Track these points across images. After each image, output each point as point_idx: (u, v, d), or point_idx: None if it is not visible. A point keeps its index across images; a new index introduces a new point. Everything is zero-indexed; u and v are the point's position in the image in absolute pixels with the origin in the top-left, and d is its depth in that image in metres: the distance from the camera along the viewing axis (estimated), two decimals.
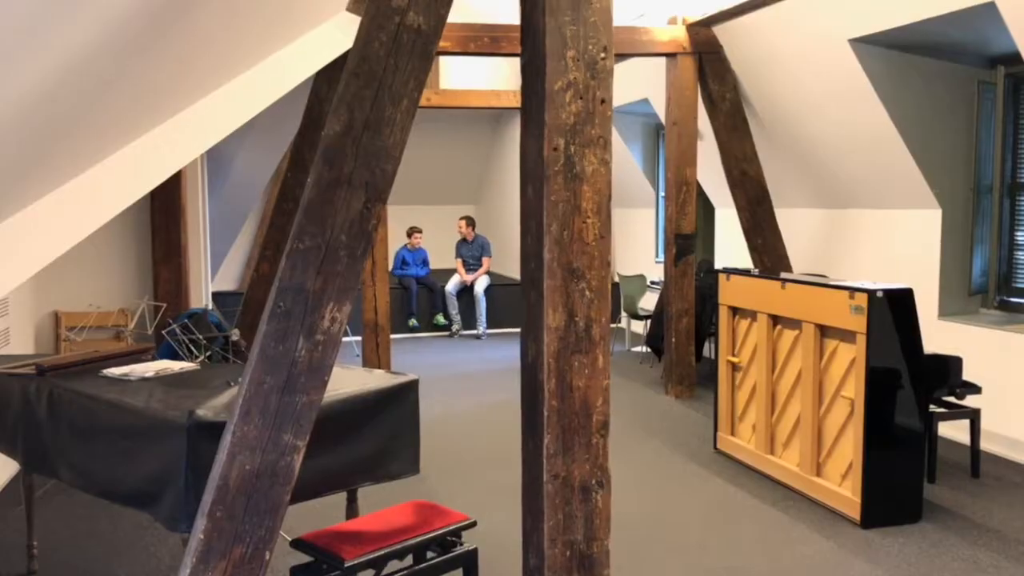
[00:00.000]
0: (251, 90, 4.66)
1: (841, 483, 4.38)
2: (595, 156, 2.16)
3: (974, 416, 4.83)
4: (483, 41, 6.17)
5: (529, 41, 2.21)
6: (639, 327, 9.23)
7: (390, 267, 10.48)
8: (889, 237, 6.15)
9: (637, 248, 10.06)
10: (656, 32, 6.60)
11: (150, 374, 3.31)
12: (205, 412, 2.63)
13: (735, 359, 5.29)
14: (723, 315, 5.36)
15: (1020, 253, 5.60)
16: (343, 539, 2.79)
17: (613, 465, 2.32)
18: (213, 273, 8.23)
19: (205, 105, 4.62)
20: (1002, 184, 5.49)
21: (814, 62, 5.78)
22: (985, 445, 5.22)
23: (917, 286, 5.86)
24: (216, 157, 7.21)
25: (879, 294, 4.07)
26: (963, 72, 5.52)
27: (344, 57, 5.95)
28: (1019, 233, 5.59)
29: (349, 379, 3.12)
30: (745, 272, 5.20)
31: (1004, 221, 5.60)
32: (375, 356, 6.53)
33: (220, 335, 4.76)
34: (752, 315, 5.07)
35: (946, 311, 5.75)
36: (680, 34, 6.58)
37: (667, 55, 6.68)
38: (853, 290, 4.17)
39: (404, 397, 3.12)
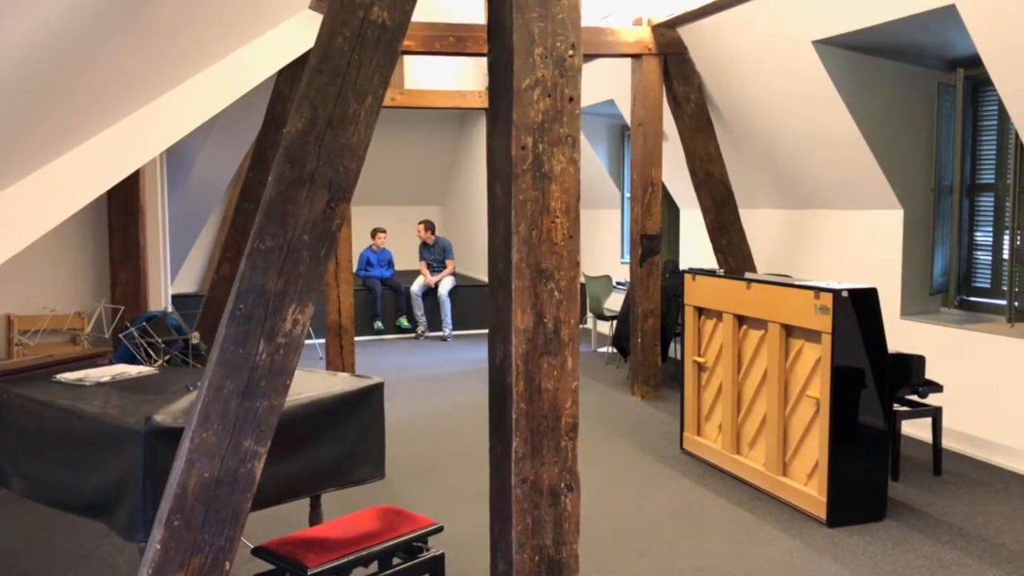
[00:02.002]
0: (211, 88, 4.56)
1: (807, 482, 4.40)
2: (564, 155, 2.13)
3: (936, 414, 4.89)
4: (448, 41, 6.12)
5: (497, 38, 2.17)
6: (605, 328, 9.24)
7: (353, 268, 10.39)
8: (852, 237, 6.21)
9: (603, 249, 10.07)
10: (621, 33, 6.60)
11: (106, 379, 3.21)
12: (163, 418, 2.55)
13: (701, 359, 5.30)
14: (689, 315, 5.37)
15: (979, 253, 5.69)
16: (306, 546, 2.72)
17: (580, 468, 2.29)
18: (173, 275, 8.07)
19: (164, 102, 4.52)
20: (961, 185, 5.58)
21: (778, 64, 5.82)
22: (947, 443, 5.29)
23: (880, 286, 5.90)
24: (176, 156, 7.07)
25: (844, 294, 4.10)
26: (924, 74, 5.59)
27: (307, 55, 5.87)
28: (978, 233, 5.68)
29: (312, 383, 3.06)
30: (711, 272, 5.21)
31: (964, 221, 5.69)
32: (339, 359, 6.45)
33: (179, 338, 4.66)
34: (718, 315, 5.09)
35: (908, 311, 5.82)
36: (645, 35, 6.60)
37: (632, 56, 6.68)
38: (818, 290, 4.20)
39: (369, 401, 3.06)
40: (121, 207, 5.45)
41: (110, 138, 4.25)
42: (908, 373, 4.64)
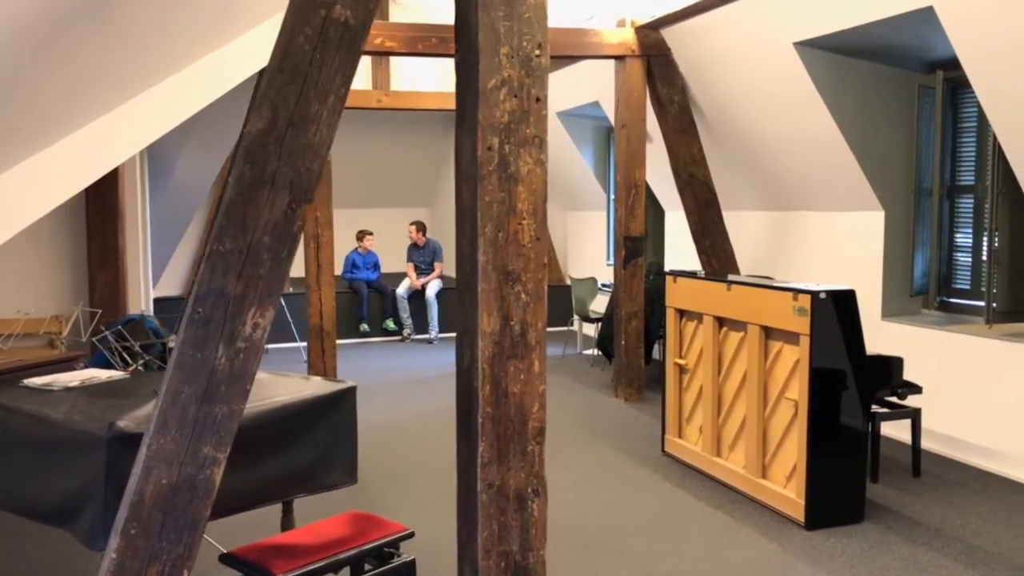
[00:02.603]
0: (187, 89, 4.51)
1: (786, 485, 4.39)
2: (530, 156, 2.11)
3: (915, 416, 4.89)
4: (431, 41, 6.09)
5: (463, 38, 2.14)
6: (591, 330, 9.22)
7: (339, 271, 10.35)
8: (834, 239, 6.21)
9: (588, 251, 10.06)
10: (605, 34, 6.59)
11: (74, 384, 3.16)
12: (127, 423, 2.51)
13: (682, 361, 5.29)
14: (670, 317, 5.36)
15: (959, 255, 5.70)
16: (275, 553, 2.68)
17: (560, 470, 2.27)
18: (156, 278, 8.01)
19: (140, 102, 4.47)
20: (941, 186, 5.58)
21: (760, 65, 5.81)
22: (926, 444, 5.29)
23: (861, 287, 5.92)
24: (157, 157, 7.02)
25: (822, 295, 4.09)
26: (904, 76, 5.60)
27: None
28: (958, 235, 5.68)
29: (284, 387, 3.02)
30: (692, 274, 5.20)
31: (944, 223, 5.70)
32: (321, 362, 6.40)
33: (156, 342, 4.61)
34: (699, 317, 5.07)
35: (889, 312, 5.83)
36: (629, 36, 6.58)
37: (616, 57, 6.67)
38: (797, 291, 4.19)
39: (340, 405, 3.03)
40: (99, 209, 5.40)
41: (85, 137, 4.20)
42: (887, 375, 4.63)
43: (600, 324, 8.02)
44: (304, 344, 8.17)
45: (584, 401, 6.95)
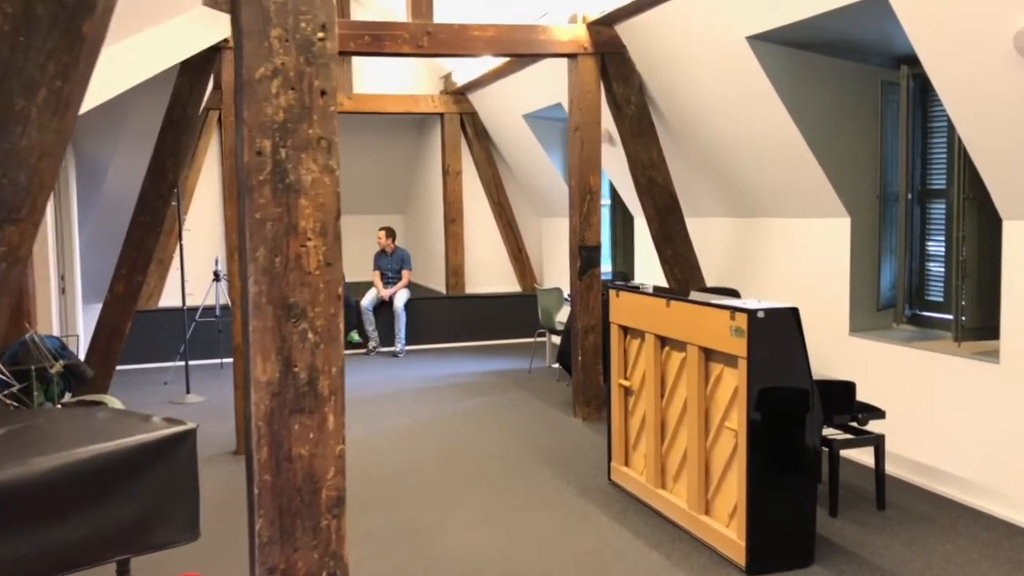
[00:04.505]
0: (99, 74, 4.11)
1: (728, 523, 3.96)
2: (315, 162, 1.71)
3: (878, 443, 4.46)
4: (364, 40, 5.70)
5: (233, 18, 1.74)
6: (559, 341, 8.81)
7: None
8: (798, 247, 5.79)
9: (557, 260, 9.65)
10: (555, 31, 6.18)
11: None
12: None
13: (626, 383, 4.87)
14: (614, 334, 4.94)
15: (932, 264, 5.26)
16: None
17: (494, 500, 1.87)
18: (97, 291, 7.63)
19: None
20: (910, 191, 5.15)
21: (714, 62, 5.40)
22: (895, 471, 4.87)
23: (828, 300, 5.51)
24: (87, 164, 6.65)
25: (760, 314, 3.67)
26: (866, 72, 5.17)
27: (206, 55, 5.45)
28: (930, 243, 5.25)
29: (109, 431, 2.62)
30: (634, 288, 4.78)
31: (914, 230, 5.26)
32: None
33: (32, 367, 4.22)
34: (642, 335, 4.66)
35: (858, 326, 5.39)
36: (580, 33, 6.18)
37: (568, 55, 6.27)
38: (733, 310, 3.77)
39: (175, 450, 2.63)
40: None
41: None
42: (838, 400, 4.21)
43: (560, 337, 7.61)
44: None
45: (540, 420, 6.53)
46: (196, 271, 8.37)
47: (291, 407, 1.73)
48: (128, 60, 4.64)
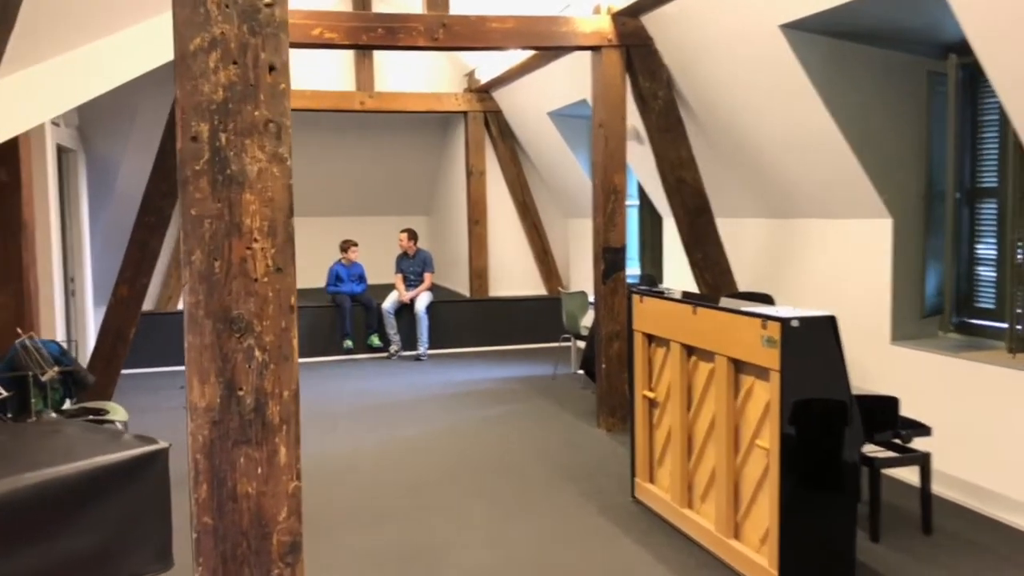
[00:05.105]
0: (67, 77, 3.92)
1: (760, 548, 3.65)
2: (262, 150, 1.45)
3: (923, 462, 4.11)
4: (377, 32, 5.46)
5: None
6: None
7: (324, 283, 9.78)
8: (837, 250, 5.43)
9: (583, 263, 9.35)
10: (578, 23, 5.90)
11: None
12: None
13: (651, 394, 4.57)
14: (638, 342, 4.64)
15: (981, 268, 4.88)
16: None
17: (510, 521, 1.60)
18: (107, 295, 7.49)
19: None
20: (958, 189, 4.78)
21: (745, 53, 5.08)
22: (943, 491, 4.51)
23: (868, 306, 5.16)
24: (98, 165, 6.50)
25: (794, 323, 3.35)
26: (911, 62, 4.81)
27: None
28: (980, 245, 4.87)
29: (73, 449, 2.39)
30: (658, 294, 4.48)
31: (962, 232, 4.89)
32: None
33: (29, 373, 4.04)
34: (667, 344, 4.35)
35: (900, 335, 5.03)
36: (604, 25, 5.88)
37: (591, 48, 5.98)
38: (765, 318, 3.45)
39: (143, 472, 2.40)
40: (0, 222, 4.87)
41: None
42: (880, 417, 3.87)
43: (584, 343, 7.32)
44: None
45: (562, 431, 6.25)
46: None
47: (235, 438, 1.47)
48: (130, 51, 4.45)
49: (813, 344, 3.39)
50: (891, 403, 3.88)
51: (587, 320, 8.12)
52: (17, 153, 4.92)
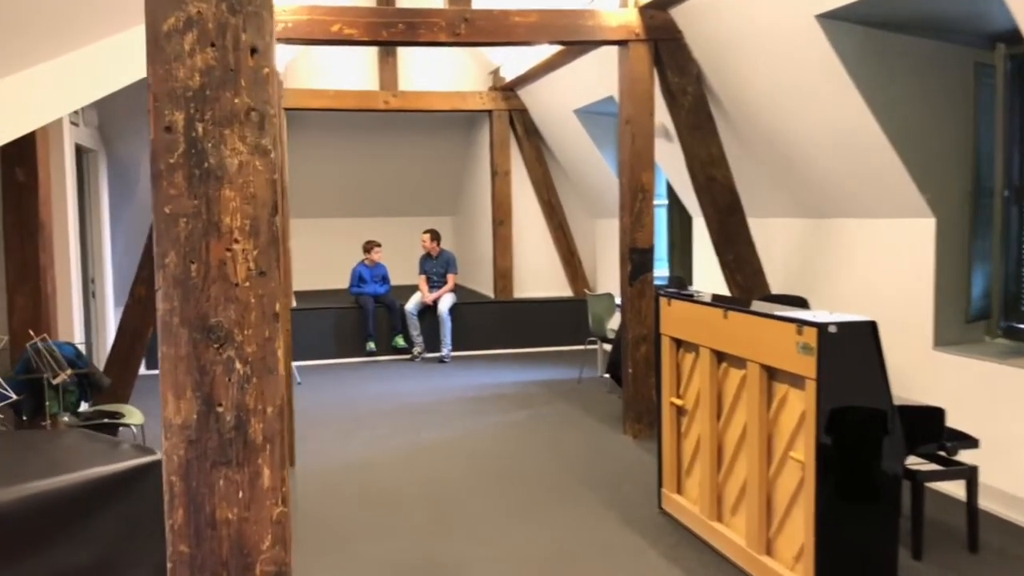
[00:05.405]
0: (49, 87, 3.81)
1: (794, 567, 3.45)
2: (244, 142, 1.31)
3: (970, 475, 3.88)
4: (397, 28, 5.33)
5: None
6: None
7: (346, 284, 9.67)
8: (877, 251, 5.20)
9: (610, 264, 9.16)
10: (604, 16, 5.72)
11: None
12: None
13: (679, 401, 4.38)
14: (666, 347, 4.46)
15: None
16: None
17: (531, 533, 1.45)
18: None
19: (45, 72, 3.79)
20: (1007, 187, 4.54)
21: (779, 45, 4.87)
22: (990, 506, 4.27)
23: (910, 310, 4.92)
24: (119, 166, 6.45)
25: (831, 329, 3.16)
26: (956, 53, 4.58)
27: None
28: None
29: (67, 460, 2.28)
30: (687, 296, 4.29)
31: (1011, 231, 4.64)
32: None
33: (44, 376, 3.96)
34: (696, 349, 4.17)
35: (944, 340, 4.79)
36: (631, 18, 5.70)
37: (618, 43, 5.80)
38: (800, 323, 3.26)
39: (139, 484, 2.27)
40: (16, 224, 4.80)
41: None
42: (924, 428, 3.66)
43: (611, 346, 7.14)
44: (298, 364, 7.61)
45: (587, 437, 6.07)
46: None
47: (214, 458, 1.33)
48: (139, 49, 4.34)
49: (852, 351, 3.19)
50: (937, 414, 3.66)
51: (614, 323, 7.94)
52: (34, 153, 4.86)
